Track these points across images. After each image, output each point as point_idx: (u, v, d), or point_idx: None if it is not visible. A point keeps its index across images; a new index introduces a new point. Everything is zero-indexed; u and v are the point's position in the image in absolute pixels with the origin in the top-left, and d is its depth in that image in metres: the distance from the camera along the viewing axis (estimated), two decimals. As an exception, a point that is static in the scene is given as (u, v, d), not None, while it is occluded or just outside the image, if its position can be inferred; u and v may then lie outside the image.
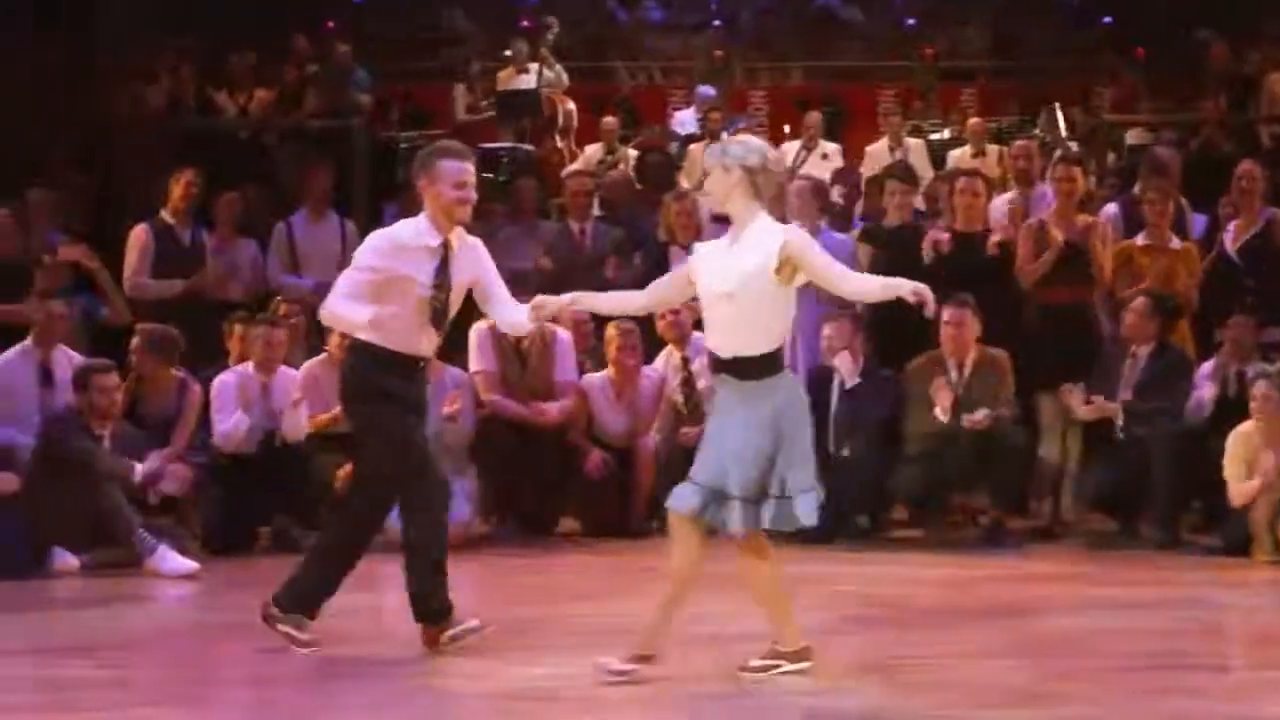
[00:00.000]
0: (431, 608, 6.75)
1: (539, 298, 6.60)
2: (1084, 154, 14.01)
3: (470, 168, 6.80)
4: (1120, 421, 9.78)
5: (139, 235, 11.35)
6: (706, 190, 6.40)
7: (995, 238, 10.43)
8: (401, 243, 6.72)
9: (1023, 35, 19.36)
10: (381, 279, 6.66)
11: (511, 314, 6.94)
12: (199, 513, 9.80)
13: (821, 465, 9.77)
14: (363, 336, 6.70)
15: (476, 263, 6.88)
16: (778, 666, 6.22)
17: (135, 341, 10.08)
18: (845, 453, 9.90)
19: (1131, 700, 5.97)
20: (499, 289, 6.94)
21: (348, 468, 9.87)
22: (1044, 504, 10.36)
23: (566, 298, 6.65)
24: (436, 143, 7.27)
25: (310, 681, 6.47)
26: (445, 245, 6.74)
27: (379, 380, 6.69)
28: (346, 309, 6.69)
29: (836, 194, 11.91)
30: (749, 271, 6.06)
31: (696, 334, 10.64)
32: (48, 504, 9.02)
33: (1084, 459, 10.15)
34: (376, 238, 6.84)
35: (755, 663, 6.26)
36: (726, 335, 6.13)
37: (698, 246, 6.46)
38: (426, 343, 6.79)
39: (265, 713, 6.14)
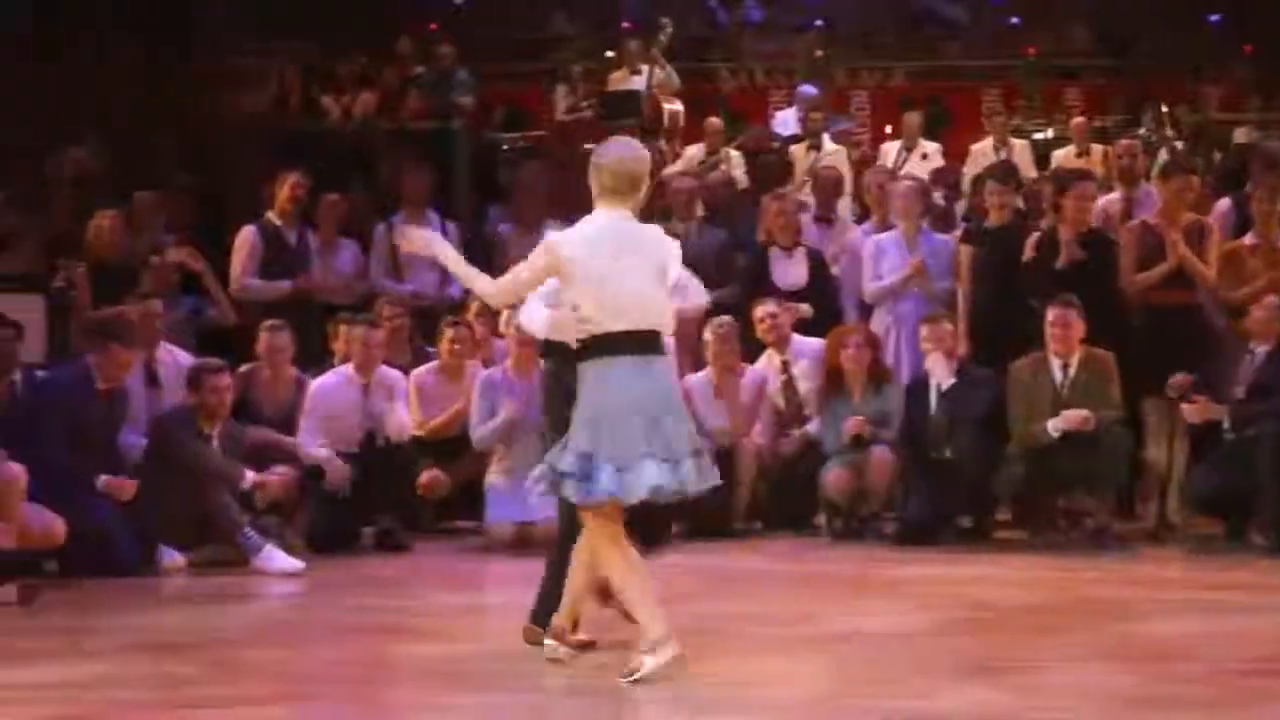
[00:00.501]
0: (552, 611, 6.64)
1: None
2: (1189, 152, 13.88)
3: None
4: (1228, 423, 9.66)
5: (246, 236, 11.46)
6: None
7: (1069, 239, 10.26)
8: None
9: (1128, 33, 19.19)
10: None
11: None
12: (304, 512, 9.87)
13: (923, 467, 9.93)
14: (555, 336, 6.61)
15: None
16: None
17: (263, 338, 10.18)
18: (947, 454, 9.87)
19: (1241, 705, 5.90)
20: None
21: (426, 475, 9.97)
22: (1150, 506, 10.26)
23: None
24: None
25: (413, 681, 6.51)
26: None
27: (570, 381, 6.52)
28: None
29: (936, 195, 11.85)
30: None
31: (797, 337, 10.62)
32: (157, 502, 9.14)
33: (1191, 461, 10.03)
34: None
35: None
36: None
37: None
38: None
39: (367, 710, 6.18)
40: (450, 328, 10.48)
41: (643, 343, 6.20)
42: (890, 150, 14.96)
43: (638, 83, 14.90)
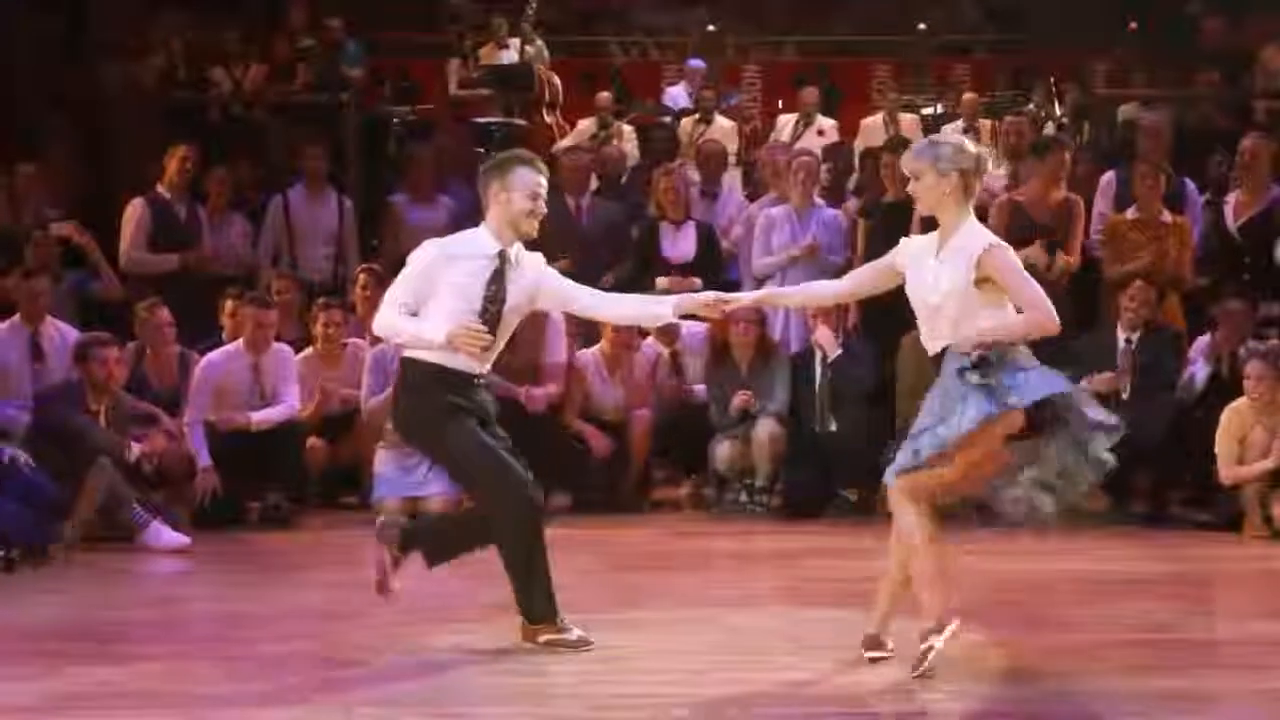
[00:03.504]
0: (523, 605, 6.44)
1: (715, 294, 6.65)
2: (1076, 129, 14.01)
3: (544, 181, 6.51)
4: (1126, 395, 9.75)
5: (135, 209, 11.39)
6: (917, 193, 6.16)
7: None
8: (452, 253, 6.41)
9: (1016, 9, 19.34)
10: (431, 288, 6.35)
11: (637, 308, 7.02)
12: (191, 488, 9.77)
13: (807, 440, 9.97)
14: (424, 354, 6.39)
15: (540, 276, 6.57)
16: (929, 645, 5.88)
17: (140, 318, 10.08)
18: (832, 427, 9.94)
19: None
20: (580, 289, 6.72)
21: (308, 442, 9.95)
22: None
23: (754, 295, 7.14)
24: (511, 150, 6.84)
25: (297, 659, 6.47)
26: (502, 256, 6.42)
27: (438, 396, 6.35)
28: (415, 326, 6.34)
29: (826, 170, 11.91)
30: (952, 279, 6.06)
31: (685, 324, 10.50)
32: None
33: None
34: (428, 246, 6.48)
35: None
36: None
37: (904, 241, 6.36)
38: (478, 358, 6.39)
39: (250, 690, 6.16)
40: (323, 311, 10.40)
41: None
42: (785, 124, 14.99)
43: (508, 57, 14.92)
